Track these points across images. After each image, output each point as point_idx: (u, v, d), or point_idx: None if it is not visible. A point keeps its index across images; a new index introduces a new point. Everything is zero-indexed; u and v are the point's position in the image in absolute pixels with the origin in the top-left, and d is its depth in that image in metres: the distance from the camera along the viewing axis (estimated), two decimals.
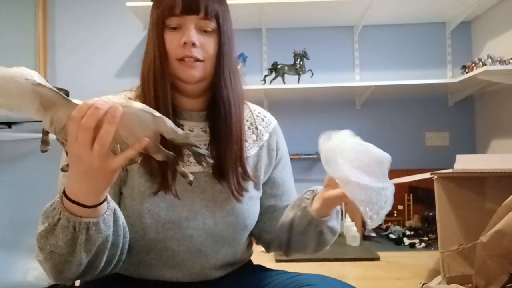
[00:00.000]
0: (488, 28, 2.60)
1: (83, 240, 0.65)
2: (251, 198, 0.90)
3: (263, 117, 0.99)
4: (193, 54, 0.80)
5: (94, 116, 0.58)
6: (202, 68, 0.82)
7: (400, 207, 2.66)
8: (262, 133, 0.95)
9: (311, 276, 0.81)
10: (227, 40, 0.85)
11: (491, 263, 1.22)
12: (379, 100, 2.79)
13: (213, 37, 0.83)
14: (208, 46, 0.82)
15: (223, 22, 0.84)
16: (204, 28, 0.82)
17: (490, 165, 1.58)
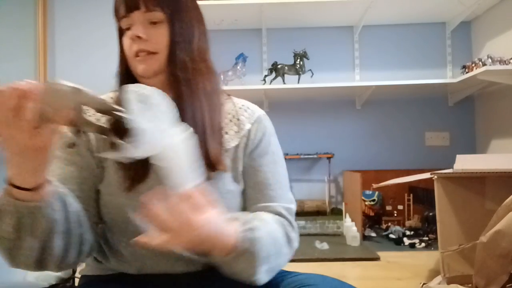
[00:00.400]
0: (488, 28, 2.60)
1: (29, 225, 0.66)
2: (229, 192, 0.88)
3: (246, 108, 0.96)
4: (142, 48, 0.81)
5: (14, 95, 0.60)
6: (156, 60, 0.82)
7: (400, 207, 2.66)
8: (244, 124, 0.92)
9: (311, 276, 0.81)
10: (180, 29, 0.83)
11: (491, 263, 1.22)
12: (379, 100, 2.79)
13: (163, 28, 0.82)
14: (158, 37, 0.82)
15: (172, 11, 0.82)
16: (151, 20, 0.82)
17: (490, 165, 1.58)
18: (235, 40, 2.80)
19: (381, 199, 2.69)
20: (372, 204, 2.65)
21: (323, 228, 2.50)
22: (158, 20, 0.82)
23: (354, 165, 2.78)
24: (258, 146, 0.92)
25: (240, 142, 0.91)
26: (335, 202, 2.81)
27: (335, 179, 2.83)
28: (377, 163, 2.79)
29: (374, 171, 2.71)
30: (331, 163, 2.74)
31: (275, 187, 0.91)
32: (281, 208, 0.88)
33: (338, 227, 2.49)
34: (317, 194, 2.75)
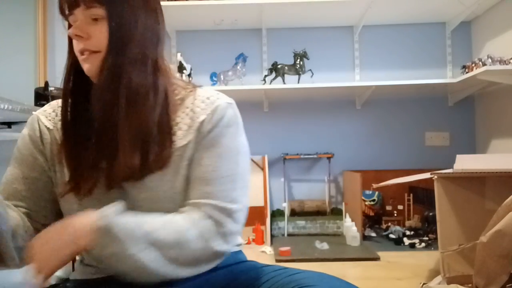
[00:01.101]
0: (488, 28, 2.60)
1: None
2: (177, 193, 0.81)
3: (206, 99, 0.85)
4: (84, 47, 0.78)
5: None
6: (99, 59, 0.78)
7: (400, 207, 2.66)
8: (199, 116, 0.82)
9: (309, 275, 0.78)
10: (119, 26, 0.78)
11: (491, 263, 1.22)
12: (379, 100, 2.79)
13: (103, 24, 0.78)
14: (98, 34, 0.78)
15: (111, 7, 0.77)
16: (92, 17, 0.78)
17: (490, 165, 1.58)
18: (235, 40, 2.80)
19: (381, 199, 2.69)
20: (372, 204, 2.65)
21: (323, 228, 2.50)
22: (98, 17, 0.77)
23: (354, 165, 2.78)
24: (205, 137, 0.81)
25: (193, 137, 0.81)
26: (335, 202, 2.81)
27: (335, 179, 2.83)
28: (377, 163, 2.79)
29: (374, 171, 2.71)
30: (331, 163, 2.74)
31: (214, 182, 0.79)
32: (210, 207, 0.77)
33: (338, 227, 2.49)
34: (317, 194, 2.75)
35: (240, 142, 0.85)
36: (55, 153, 0.86)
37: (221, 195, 0.79)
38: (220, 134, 0.82)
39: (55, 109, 0.91)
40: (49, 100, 2.02)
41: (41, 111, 0.91)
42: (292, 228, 2.54)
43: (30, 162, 0.86)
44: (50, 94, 2.05)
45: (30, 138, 0.87)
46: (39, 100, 2.05)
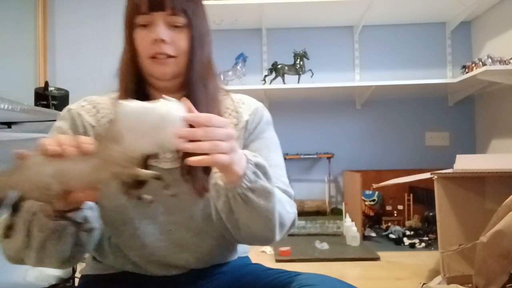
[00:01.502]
0: (488, 28, 2.60)
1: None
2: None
3: (244, 102, 0.96)
4: (163, 51, 0.80)
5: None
6: (175, 64, 0.82)
7: (400, 207, 2.66)
8: (242, 115, 0.92)
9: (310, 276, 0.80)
10: (200, 34, 0.83)
11: (491, 263, 1.22)
12: (379, 100, 2.79)
13: (184, 32, 0.82)
14: (179, 41, 0.81)
15: (193, 17, 0.82)
16: (174, 24, 0.81)
17: (490, 165, 1.59)
18: (235, 40, 2.80)
19: (381, 199, 2.69)
20: (372, 204, 2.66)
21: (323, 228, 2.50)
22: (180, 25, 0.81)
23: (354, 165, 2.78)
24: (252, 133, 0.92)
25: (240, 134, 0.90)
26: (335, 202, 2.81)
27: (335, 179, 2.83)
28: (377, 163, 2.79)
29: (374, 171, 2.71)
30: (331, 163, 2.74)
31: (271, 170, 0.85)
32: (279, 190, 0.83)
33: (338, 227, 2.49)
34: (317, 194, 2.75)
35: (276, 137, 0.98)
36: None
37: (280, 180, 0.87)
38: (262, 130, 0.93)
39: (95, 106, 0.88)
40: (49, 100, 2.02)
41: (79, 107, 0.87)
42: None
43: None
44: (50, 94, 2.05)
45: (73, 134, 0.84)
46: (39, 100, 2.05)
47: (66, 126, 0.85)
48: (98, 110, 0.87)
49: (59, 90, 2.16)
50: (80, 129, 0.85)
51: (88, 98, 0.90)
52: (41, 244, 0.68)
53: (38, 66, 2.68)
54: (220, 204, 0.76)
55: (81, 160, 0.59)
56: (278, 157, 0.93)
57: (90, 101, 0.89)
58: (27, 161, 0.59)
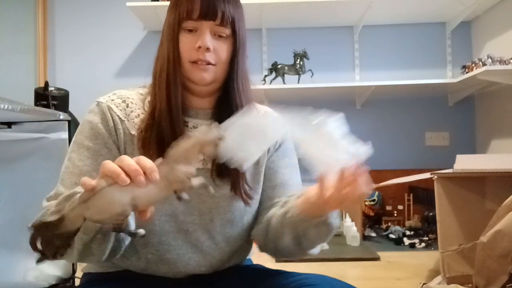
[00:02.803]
0: (488, 28, 2.60)
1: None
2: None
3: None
4: (206, 58, 0.82)
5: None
6: (214, 71, 0.84)
7: (400, 207, 2.66)
8: None
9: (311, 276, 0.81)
10: (241, 45, 0.87)
11: (491, 263, 1.22)
12: (379, 100, 2.79)
13: (227, 43, 0.85)
14: (221, 51, 0.84)
15: (238, 28, 0.85)
16: (219, 34, 0.83)
17: (490, 165, 1.59)
18: None
19: (381, 199, 2.69)
20: (372, 204, 2.65)
21: None
22: (225, 35, 0.84)
23: None
24: (278, 149, 0.95)
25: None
26: None
27: None
28: (377, 163, 2.78)
29: (374, 171, 2.69)
30: None
31: (294, 188, 0.95)
32: None
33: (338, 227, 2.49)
34: None
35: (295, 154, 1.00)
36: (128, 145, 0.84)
37: None
38: (286, 148, 0.97)
39: (125, 100, 0.87)
40: (49, 100, 2.02)
41: (109, 100, 0.86)
42: None
43: (104, 153, 0.82)
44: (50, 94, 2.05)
45: (104, 128, 0.83)
46: (39, 100, 2.05)
47: (96, 119, 0.84)
48: (128, 104, 0.87)
49: (59, 90, 2.16)
50: (110, 123, 0.84)
51: (117, 92, 0.90)
52: (84, 246, 0.68)
53: (38, 66, 2.68)
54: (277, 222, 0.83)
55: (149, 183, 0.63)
56: (298, 176, 1.00)
57: (120, 95, 0.88)
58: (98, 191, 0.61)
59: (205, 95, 0.89)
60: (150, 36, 2.79)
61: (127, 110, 0.86)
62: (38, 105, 2.02)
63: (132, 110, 0.86)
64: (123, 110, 0.86)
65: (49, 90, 2.06)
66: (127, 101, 0.87)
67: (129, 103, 0.87)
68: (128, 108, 0.86)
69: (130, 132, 0.84)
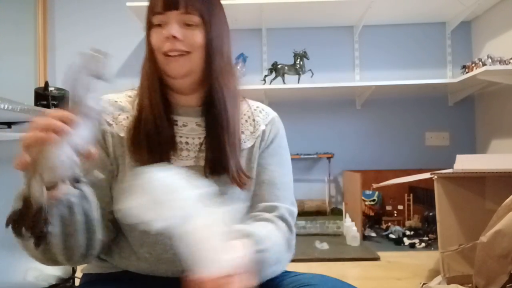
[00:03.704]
0: (488, 28, 2.60)
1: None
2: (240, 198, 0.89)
3: (261, 110, 0.98)
4: (176, 47, 0.82)
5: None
6: (188, 59, 0.83)
7: (400, 207, 2.66)
8: (259, 124, 0.94)
9: (310, 276, 0.81)
10: (216, 34, 0.86)
11: (491, 263, 1.22)
12: (379, 100, 2.79)
13: (198, 30, 0.84)
14: (192, 37, 0.83)
15: (208, 16, 0.84)
16: (187, 23, 0.83)
17: (490, 165, 1.59)
18: (235, 40, 2.79)
19: (381, 199, 2.69)
20: (372, 204, 2.66)
21: (323, 228, 2.50)
22: (193, 23, 0.83)
23: (354, 165, 2.78)
24: (269, 146, 0.94)
25: (255, 143, 0.92)
26: (335, 202, 2.81)
27: (335, 179, 2.83)
28: (377, 163, 2.79)
29: (374, 171, 2.71)
30: (331, 163, 2.74)
31: (281, 187, 0.91)
32: (285, 210, 0.88)
33: (338, 227, 2.49)
34: (317, 194, 2.75)
35: (288, 152, 0.98)
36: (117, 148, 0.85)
37: (287, 200, 0.90)
38: (278, 145, 0.95)
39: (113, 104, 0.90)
40: (49, 100, 2.02)
41: None
42: None
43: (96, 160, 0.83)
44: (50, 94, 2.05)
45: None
46: (39, 100, 2.05)
47: None
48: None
49: (59, 90, 2.16)
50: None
51: (105, 97, 0.91)
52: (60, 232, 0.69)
53: (38, 66, 2.68)
54: None
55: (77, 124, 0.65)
56: (289, 174, 0.95)
57: (107, 100, 0.90)
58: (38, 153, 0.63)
59: (189, 92, 0.88)
60: None
61: (115, 114, 0.88)
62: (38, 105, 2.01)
63: (120, 113, 0.88)
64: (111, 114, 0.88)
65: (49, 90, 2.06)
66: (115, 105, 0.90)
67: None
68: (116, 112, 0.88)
69: (119, 135, 0.85)
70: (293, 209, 0.91)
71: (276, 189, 0.90)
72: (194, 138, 0.88)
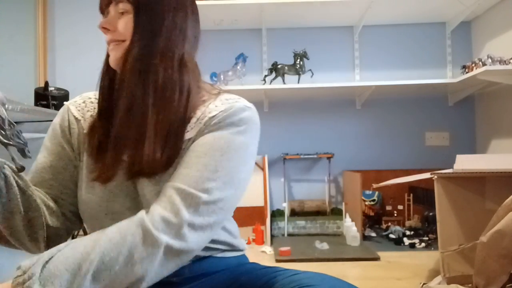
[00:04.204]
0: (488, 28, 2.60)
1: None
2: None
3: (225, 100, 0.83)
4: (110, 37, 0.83)
5: None
6: (122, 47, 0.82)
7: (400, 207, 2.66)
8: (211, 111, 0.80)
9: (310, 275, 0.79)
10: (146, 19, 0.81)
11: (491, 263, 1.22)
12: (379, 100, 2.79)
13: (129, 17, 0.82)
14: (123, 25, 0.82)
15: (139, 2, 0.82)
16: (119, 11, 0.83)
17: (490, 165, 1.58)
18: (235, 40, 2.80)
19: (381, 199, 2.69)
20: (372, 204, 2.66)
21: (323, 228, 2.50)
22: (124, 11, 0.83)
23: (354, 165, 2.78)
24: (210, 131, 0.78)
25: (199, 130, 0.79)
26: (335, 202, 2.81)
27: (335, 179, 2.83)
28: (377, 163, 2.79)
29: (374, 171, 2.71)
30: (331, 163, 2.74)
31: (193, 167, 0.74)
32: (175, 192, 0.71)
33: (338, 227, 2.49)
34: (317, 194, 2.75)
35: (244, 142, 0.79)
36: (81, 144, 0.87)
37: (193, 181, 0.72)
38: (223, 127, 0.78)
39: (85, 100, 0.92)
40: (49, 100, 2.02)
41: (72, 102, 0.92)
42: (292, 228, 2.54)
43: (58, 152, 0.88)
44: (50, 94, 2.05)
45: (60, 128, 0.89)
46: (39, 100, 2.05)
47: (57, 121, 0.90)
48: (86, 104, 0.91)
49: (59, 90, 2.16)
50: (66, 123, 0.89)
51: (84, 94, 0.94)
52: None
53: (38, 66, 2.68)
54: None
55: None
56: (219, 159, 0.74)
57: (83, 96, 0.93)
58: None
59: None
60: None
61: (84, 110, 0.90)
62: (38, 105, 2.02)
63: (88, 109, 0.89)
64: (81, 110, 0.90)
65: (49, 90, 2.06)
66: (86, 101, 0.91)
67: (88, 102, 0.91)
68: (85, 108, 0.90)
69: (84, 132, 0.87)
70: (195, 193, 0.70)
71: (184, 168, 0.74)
72: None
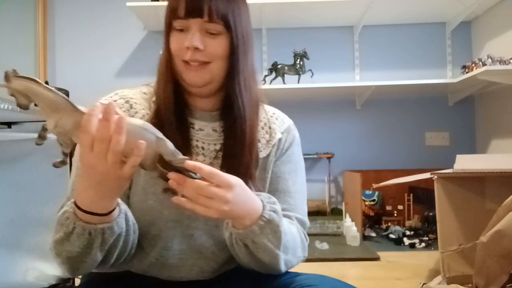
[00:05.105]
0: (488, 28, 2.60)
1: (99, 243, 0.70)
2: None
3: (277, 117, 0.98)
4: (196, 58, 0.79)
5: (107, 128, 0.61)
6: (209, 70, 0.81)
7: (400, 207, 2.66)
8: (275, 132, 0.93)
9: (311, 276, 0.80)
10: (241, 41, 0.83)
11: (491, 263, 1.22)
12: (379, 100, 2.79)
13: (221, 39, 0.80)
14: (215, 47, 0.80)
15: (233, 23, 0.80)
16: (210, 31, 0.79)
17: (490, 165, 1.58)
18: None
19: (381, 199, 2.69)
20: (372, 204, 2.65)
21: (323, 228, 2.50)
22: (217, 32, 0.80)
23: (354, 165, 2.78)
24: (284, 154, 0.93)
25: (271, 152, 0.91)
26: (335, 202, 2.81)
27: (335, 179, 2.83)
28: (377, 163, 2.78)
29: (374, 171, 2.71)
30: (331, 163, 2.74)
31: (295, 196, 0.90)
32: (297, 220, 0.88)
33: (338, 227, 2.49)
34: (317, 194, 2.75)
35: (302, 159, 1.01)
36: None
37: (300, 209, 0.90)
38: (293, 153, 0.96)
39: (128, 100, 0.86)
40: None
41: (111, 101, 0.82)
42: None
43: None
44: None
45: None
46: None
47: None
48: (131, 105, 0.85)
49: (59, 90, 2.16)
50: None
51: (120, 92, 0.88)
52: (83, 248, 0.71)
53: (38, 66, 2.68)
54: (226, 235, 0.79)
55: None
56: (302, 183, 0.95)
57: (122, 95, 0.87)
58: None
59: (206, 95, 0.86)
60: (150, 36, 2.79)
61: (131, 111, 0.84)
62: None
63: (136, 111, 0.85)
64: (127, 111, 0.84)
65: None
66: (130, 101, 0.86)
67: (133, 103, 0.85)
68: (132, 109, 0.85)
69: None
70: (304, 220, 0.90)
71: (289, 197, 0.90)
72: (210, 144, 0.86)
